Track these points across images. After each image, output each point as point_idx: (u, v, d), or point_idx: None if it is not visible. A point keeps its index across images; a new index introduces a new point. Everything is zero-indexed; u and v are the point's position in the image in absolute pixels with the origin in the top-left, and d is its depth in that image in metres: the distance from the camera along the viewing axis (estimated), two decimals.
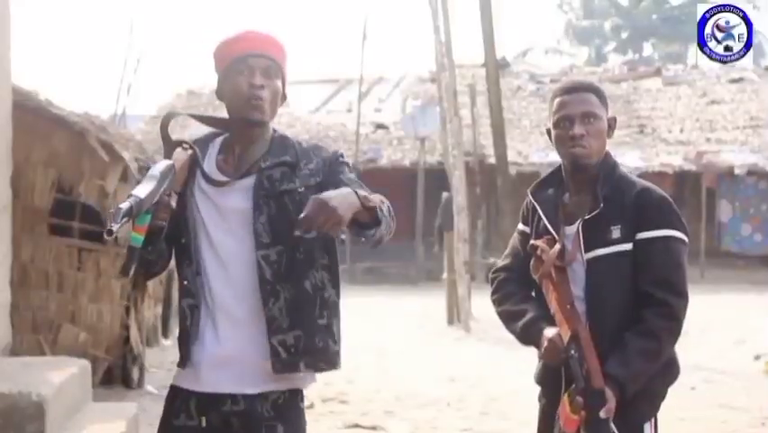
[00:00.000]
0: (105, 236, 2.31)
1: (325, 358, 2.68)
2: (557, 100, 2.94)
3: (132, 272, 2.46)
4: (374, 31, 59.17)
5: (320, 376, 2.80)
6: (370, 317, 13.82)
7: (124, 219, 2.28)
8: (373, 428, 6.82)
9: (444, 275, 13.53)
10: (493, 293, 3.14)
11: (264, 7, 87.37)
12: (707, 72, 25.31)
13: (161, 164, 2.51)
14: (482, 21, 18.62)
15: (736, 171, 20.17)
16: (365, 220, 2.49)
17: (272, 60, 2.70)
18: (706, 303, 13.01)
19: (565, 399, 2.82)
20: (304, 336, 2.62)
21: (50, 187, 7.58)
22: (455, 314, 12.94)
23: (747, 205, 20.66)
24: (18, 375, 5.07)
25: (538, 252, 2.95)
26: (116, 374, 7.74)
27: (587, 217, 2.88)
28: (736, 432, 6.63)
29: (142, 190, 2.38)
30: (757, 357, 9.43)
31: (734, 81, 23.99)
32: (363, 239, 2.52)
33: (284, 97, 2.75)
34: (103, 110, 18.37)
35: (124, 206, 2.29)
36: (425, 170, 19.94)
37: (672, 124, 22.69)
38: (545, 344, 2.87)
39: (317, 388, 8.09)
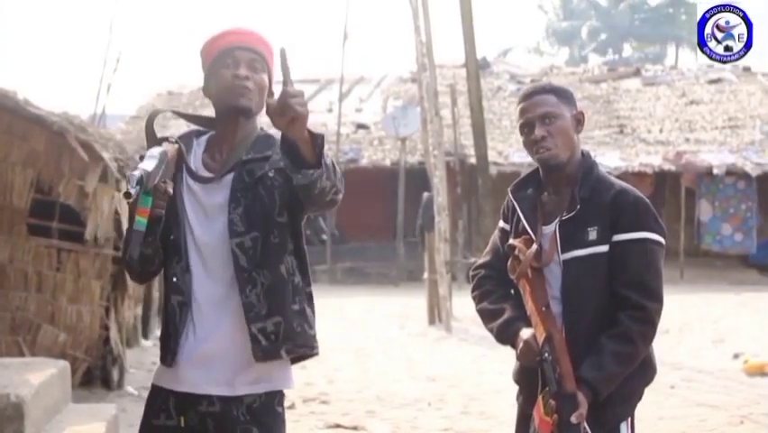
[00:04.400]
0: (124, 198, 2.36)
1: (304, 342, 2.69)
2: (518, 108, 2.99)
3: (133, 258, 2.50)
4: (355, 31, 59.09)
5: (301, 376, 2.80)
6: (350, 317, 13.82)
7: (138, 187, 2.33)
8: (354, 428, 6.82)
9: (425, 275, 13.53)
10: (473, 290, 3.15)
11: (245, 7, 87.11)
12: (686, 73, 25.48)
13: (157, 149, 2.54)
14: (463, 21, 18.64)
15: (715, 171, 20.27)
16: (307, 155, 2.41)
17: (258, 54, 2.71)
18: (685, 303, 13.08)
19: (539, 400, 2.83)
20: (284, 322, 2.63)
21: (28, 187, 7.55)
22: (436, 314, 12.95)
23: (727, 205, 20.75)
24: None
25: (515, 252, 2.96)
26: (96, 375, 7.71)
27: (564, 218, 2.89)
28: (714, 431, 6.66)
29: (147, 165, 2.42)
30: (736, 356, 9.49)
31: (712, 82, 24.13)
32: (300, 176, 2.43)
33: (271, 93, 2.72)
34: (82, 110, 18.27)
35: (137, 173, 2.35)
36: (406, 171, 19.93)
37: (652, 124, 22.79)
38: (521, 345, 2.88)
39: (298, 388, 8.10)
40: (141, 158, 2.54)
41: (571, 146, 2.94)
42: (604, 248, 2.86)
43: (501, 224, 3.14)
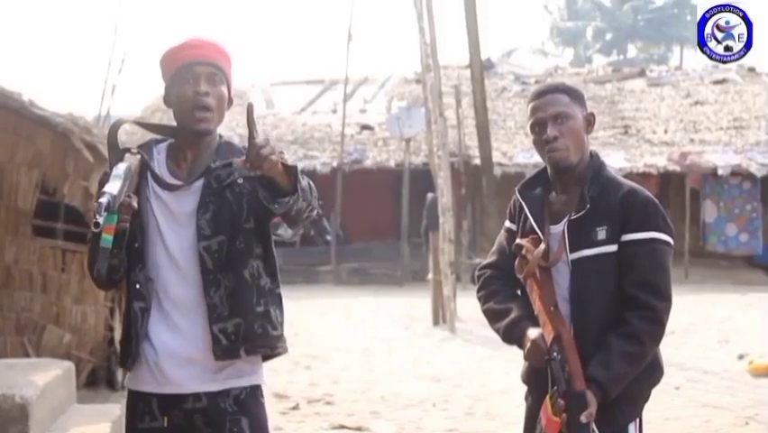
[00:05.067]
0: (93, 229, 2.45)
1: (265, 343, 2.76)
2: (529, 106, 2.97)
3: (101, 272, 2.57)
4: (360, 32, 59.08)
5: (306, 377, 2.83)
6: (355, 317, 13.82)
7: (105, 213, 2.42)
8: (359, 428, 6.82)
9: (430, 276, 13.53)
10: (478, 290, 3.14)
11: (248, 8, 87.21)
12: (690, 73, 25.43)
13: (122, 166, 2.61)
14: (467, 22, 18.66)
15: (720, 172, 20.25)
16: (283, 185, 2.54)
17: (216, 68, 2.77)
18: (690, 303, 13.08)
19: (547, 400, 2.82)
20: (244, 323, 2.70)
21: (33, 188, 7.56)
22: (441, 315, 12.94)
23: (732, 205, 20.74)
24: (1, 377, 5.05)
25: (523, 251, 2.96)
26: (100, 376, 7.72)
27: (573, 217, 2.88)
28: (719, 431, 6.65)
29: (113, 188, 2.50)
30: (741, 357, 9.47)
31: (717, 82, 24.08)
32: (277, 205, 2.57)
33: (230, 102, 2.82)
34: (87, 111, 18.29)
35: (104, 200, 2.44)
36: (411, 171, 19.94)
37: (657, 124, 22.77)
38: (528, 345, 2.87)
39: (302, 389, 8.11)
40: (106, 174, 2.62)
41: (582, 147, 2.94)
42: (613, 248, 2.85)
43: (507, 224, 3.13)
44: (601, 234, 2.85)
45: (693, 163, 20.61)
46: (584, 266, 2.86)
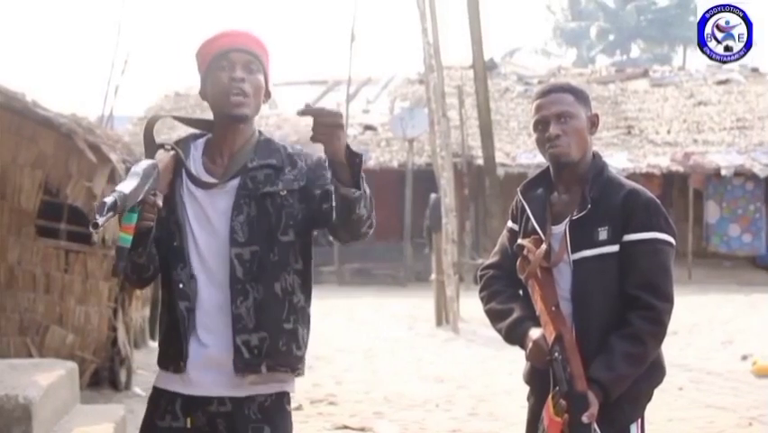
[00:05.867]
0: (91, 229, 2.29)
1: (286, 362, 2.68)
2: (534, 104, 2.98)
3: (122, 271, 2.49)
4: (362, 32, 59.13)
5: (309, 378, 2.80)
6: (358, 318, 13.82)
7: (109, 214, 2.26)
8: (362, 429, 6.82)
9: (433, 276, 13.52)
10: (481, 290, 3.14)
11: (252, 8, 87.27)
12: (694, 74, 25.41)
13: (144, 163, 2.50)
14: (470, 22, 18.63)
15: (723, 172, 20.23)
16: (345, 178, 2.46)
17: (253, 56, 2.70)
18: (693, 304, 13.08)
19: (549, 401, 2.82)
20: (269, 338, 2.63)
21: (37, 188, 7.56)
22: (444, 315, 12.94)
23: (735, 206, 20.72)
24: (5, 377, 5.06)
25: (525, 252, 2.96)
26: (104, 376, 7.72)
27: (574, 218, 2.88)
28: (723, 432, 6.65)
29: (126, 186, 2.37)
30: (744, 357, 9.47)
31: (721, 83, 24.07)
32: (344, 199, 2.47)
33: (268, 94, 2.75)
34: (90, 111, 18.28)
35: (108, 200, 2.28)
36: (414, 172, 19.94)
37: (660, 125, 22.75)
38: (530, 345, 2.88)
39: (306, 390, 8.11)
40: (128, 171, 2.49)
41: (584, 147, 2.94)
42: (614, 248, 2.85)
43: (510, 224, 3.13)
44: (603, 234, 2.86)
45: (696, 164, 20.60)
46: (585, 266, 2.86)
